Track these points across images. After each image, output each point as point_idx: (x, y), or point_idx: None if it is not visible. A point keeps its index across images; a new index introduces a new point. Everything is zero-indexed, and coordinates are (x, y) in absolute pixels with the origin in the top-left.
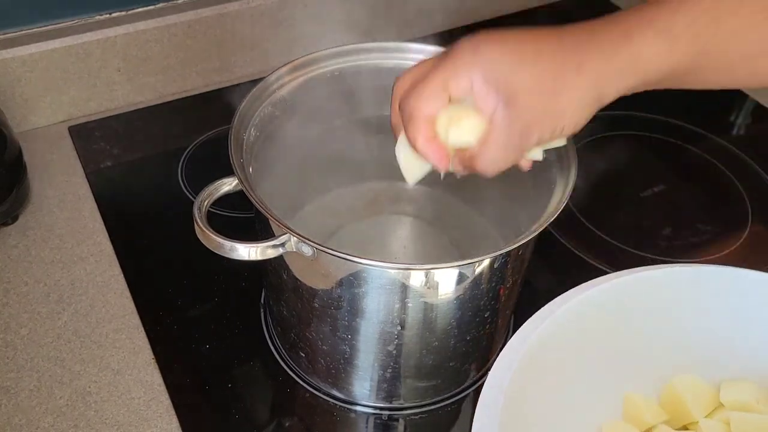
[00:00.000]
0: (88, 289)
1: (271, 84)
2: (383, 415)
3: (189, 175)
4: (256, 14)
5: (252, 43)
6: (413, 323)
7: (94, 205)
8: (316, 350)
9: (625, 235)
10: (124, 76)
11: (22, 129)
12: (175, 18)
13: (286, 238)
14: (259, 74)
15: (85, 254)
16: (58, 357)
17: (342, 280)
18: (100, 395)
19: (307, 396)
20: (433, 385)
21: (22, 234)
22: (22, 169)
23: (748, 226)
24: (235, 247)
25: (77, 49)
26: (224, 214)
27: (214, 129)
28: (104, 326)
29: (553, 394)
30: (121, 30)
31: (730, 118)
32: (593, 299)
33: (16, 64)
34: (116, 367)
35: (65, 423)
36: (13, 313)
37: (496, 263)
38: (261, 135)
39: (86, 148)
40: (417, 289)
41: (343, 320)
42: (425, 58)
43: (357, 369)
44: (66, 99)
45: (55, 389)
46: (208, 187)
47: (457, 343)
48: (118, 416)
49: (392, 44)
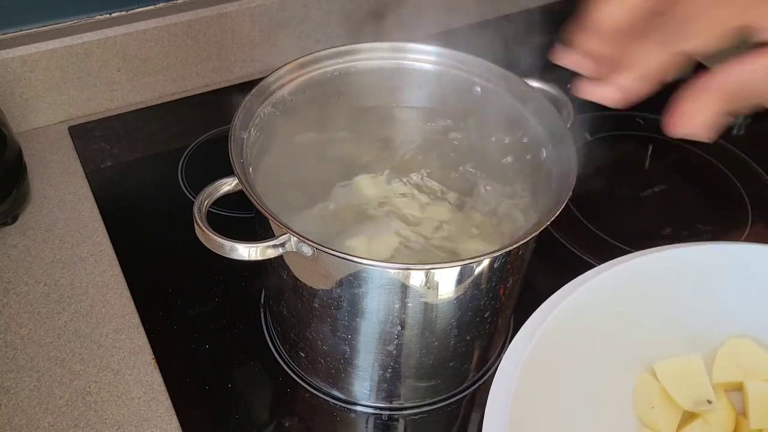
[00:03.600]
0: (88, 289)
1: (271, 84)
2: (383, 415)
3: (189, 175)
4: (256, 14)
5: (252, 43)
6: (413, 323)
7: (94, 205)
8: (316, 350)
9: (625, 235)
10: (124, 76)
11: (22, 129)
12: (175, 18)
13: (286, 238)
14: (259, 74)
15: (85, 254)
16: (58, 357)
17: (342, 280)
18: (100, 395)
19: (307, 396)
20: (433, 385)
21: (22, 234)
22: (22, 169)
23: (748, 226)
24: (235, 247)
25: (77, 49)
26: (224, 214)
27: (214, 129)
28: (104, 326)
29: (566, 381)
30: (121, 30)
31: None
32: (605, 282)
33: (16, 64)
34: (116, 367)
35: (65, 423)
36: (13, 313)
37: (496, 263)
38: (261, 135)
39: (86, 148)
40: (417, 289)
41: (343, 320)
42: (425, 58)
43: (357, 369)
44: (66, 99)
45: (55, 389)
46: (208, 187)
47: (457, 343)
48: (118, 416)
49: (392, 44)
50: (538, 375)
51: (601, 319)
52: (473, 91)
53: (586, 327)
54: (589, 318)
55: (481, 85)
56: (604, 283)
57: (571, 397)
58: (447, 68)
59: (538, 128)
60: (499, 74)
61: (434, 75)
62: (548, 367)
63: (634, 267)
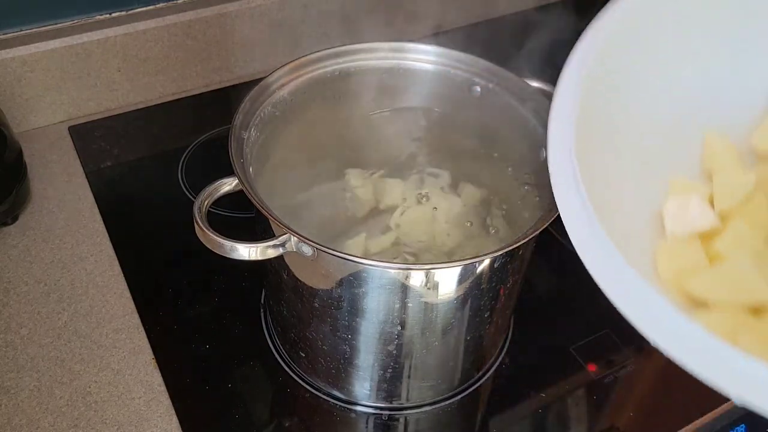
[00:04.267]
0: (88, 289)
1: (271, 84)
2: (383, 415)
3: (189, 175)
4: (256, 14)
5: (252, 43)
6: (413, 323)
7: (94, 205)
8: (316, 350)
9: None
10: (124, 76)
11: (22, 129)
12: (175, 18)
13: (286, 238)
14: (259, 74)
15: (85, 254)
16: (58, 357)
17: (342, 280)
18: (100, 395)
19: (307, 396)
20: (433, 385)
21: (22, 234)
22: (22, 169)
23: None
24: (235, 247)
25: (77, 49)
26: (224, 214)
27: (214, 129)
28: (104, 326)
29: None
30: (121, 30)
31: None
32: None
33: (16, 64)
34: (116, 367)
35: (65, 423)
36: (13, 313)
37: (496, 263)
38: (261, 135)
39: (86, 148)
40: (417, 289)
41: (343, 320)
42: (425, 58)
43: (357, 369)
44: (66, 99)
45: (55, 389)
46: (208, 187)
47: (457, 343)
48: (118, 416)
49: (392, 44)
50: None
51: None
52: (473, 91)
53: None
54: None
55: (480, 85)
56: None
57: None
58: (447, 68)
59: (538, 128)
60: (498, 74)
61: (434, 75)
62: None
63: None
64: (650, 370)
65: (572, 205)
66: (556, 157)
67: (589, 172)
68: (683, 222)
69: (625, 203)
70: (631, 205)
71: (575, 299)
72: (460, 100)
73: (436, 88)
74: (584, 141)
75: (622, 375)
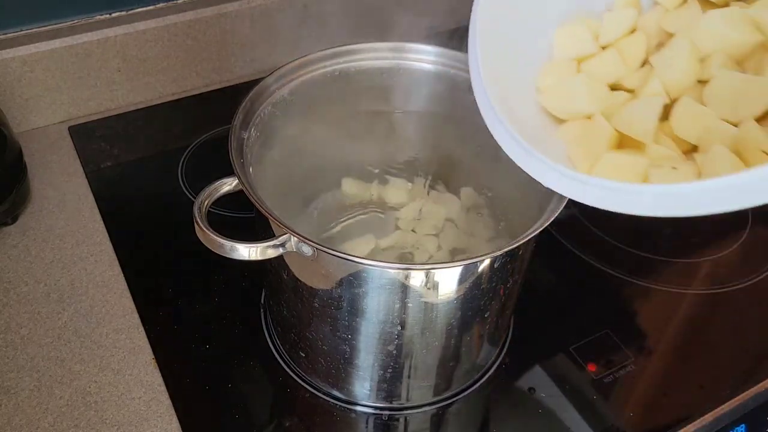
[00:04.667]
0: (88, 289)
1: (271, 84)
2: (383, 415)
3: (189, 175)
4: (256, 14)
5: (252, 43)
6: (413, 323)
7: (94, 205)
8: (316, 350)
9: (625, 235)
10: (124, 76)
11: (22, 129)
12: (175, 18)
13: (286, 238)
14: (259, 74)
15: (85, 254)
16: (58, 357)
17: (342, 280)
18: (100, 395)
19: (307, 396)
20: (433, 385)
21: (22, 234)
22: (22, 169)
23: (748, 226)
24: (235, 247)
25: (77, 49)
26: (224, 214)
27: (214, 129)
28: (104, 326)
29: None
30: (121, 30)
31: None
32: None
33: (16, 64)
34: (116, 367)
35: (65, 423)
36: (13, 313)
37: (496, 263)
38: (261, 135)
39: (86, 148)
40: (417, 289)
41: (343, 320)
42: (425, 58)
43: (357, 369)
44: (66, 99)
45: (55, 389)
46: (208, 187)
47: (457, 343)
48: (118, 416)
49: (392, 44)
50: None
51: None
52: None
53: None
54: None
55: None
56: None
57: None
58: (447, 68)
59: None
60: None
61: (434, 75)
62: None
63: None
64: (650, 370)
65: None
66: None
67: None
68: (567, 48)
69: (518, 69)
70: (523, 70)
71: (575, 299)
72: (460, 101)
73: (436, 88)
74: (487, 48)
75: (622, 375)
